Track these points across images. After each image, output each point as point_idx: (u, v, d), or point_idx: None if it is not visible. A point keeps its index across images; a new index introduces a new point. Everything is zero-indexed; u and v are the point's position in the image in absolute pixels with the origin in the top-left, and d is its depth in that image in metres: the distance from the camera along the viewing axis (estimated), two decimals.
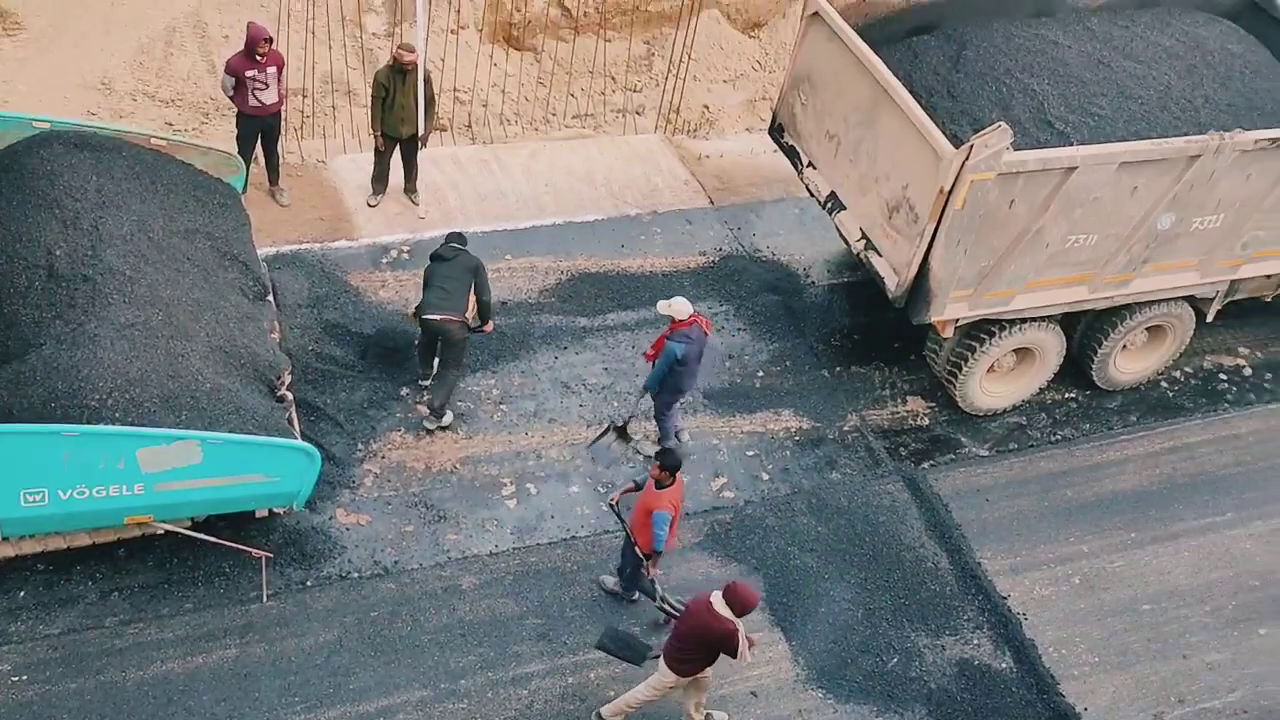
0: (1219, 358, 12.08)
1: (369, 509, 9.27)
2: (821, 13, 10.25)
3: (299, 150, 12.06)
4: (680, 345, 9.25)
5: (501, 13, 13.05)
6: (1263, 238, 10.69)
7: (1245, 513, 10.56)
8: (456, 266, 9.62)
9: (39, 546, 8.27)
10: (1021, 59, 10.35)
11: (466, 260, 9.67)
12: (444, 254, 9.68)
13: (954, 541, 9.89)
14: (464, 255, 9.70)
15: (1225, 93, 10.54)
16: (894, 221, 9.79)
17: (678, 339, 9.27)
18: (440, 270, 9.63)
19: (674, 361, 9.29)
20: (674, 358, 9.27)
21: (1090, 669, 9.23)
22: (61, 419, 7.57)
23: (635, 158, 13.03)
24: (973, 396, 10.79)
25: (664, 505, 8.22)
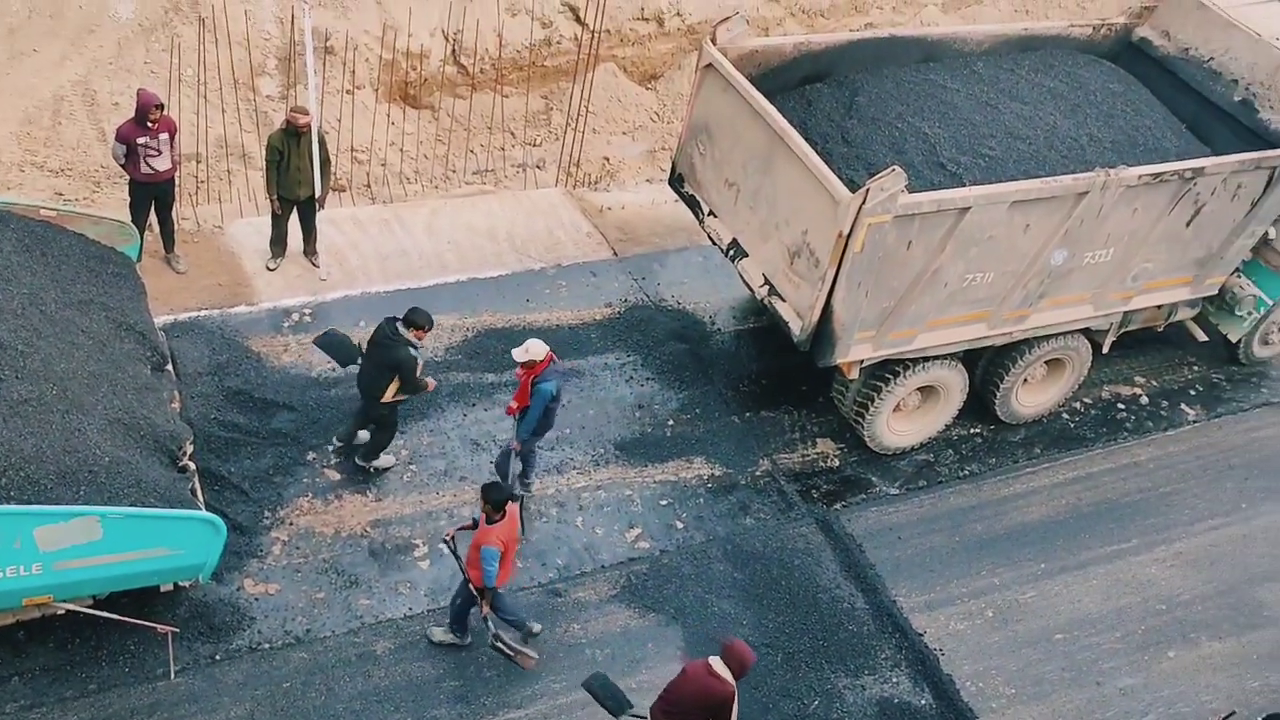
0: (1117, 388, 12.83)
1: (278, 578, 9.42)
2: (716, 64, 10.79)
3: (194, 216, 12.25)
4: (553, 383, 9.58)
5: (397, 72, 13.49)
6: (1151, 269, 11.47)
7: (1149, 539, 11.22)
8: (379, 356, 9.73)
9: None
10: (912, 103, 11.02)
11: (389, 355, 9.69)
12: (376, 337, 9.78)
13: (869, 581, 10.35)
14: (389, 348, 9.68)
15: (1109, 130, 11.33)
16: (795, 267, 10.30)
17: (547, 378, 9.58)
18: (369, 353, 9.79)
19: (550, 400, 9.59)
20: (550, 396, 9.57)
21: (1008, 700, 9.71)
22: None
23: (537, 212, 13.46)
24: (881, 436, 11.33)
25: (492, 541, 8.50)
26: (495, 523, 8.52)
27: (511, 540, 8.68)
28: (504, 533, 8.55)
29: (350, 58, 12.99)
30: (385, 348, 9.62)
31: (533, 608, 9.55)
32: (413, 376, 9.72)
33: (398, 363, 9.63)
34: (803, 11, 16.08)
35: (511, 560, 8.80)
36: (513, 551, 8.76)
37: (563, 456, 10.79)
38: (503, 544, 8.53)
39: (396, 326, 9.59)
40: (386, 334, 9.63)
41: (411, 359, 9.62)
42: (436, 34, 13.64)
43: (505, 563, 8.65)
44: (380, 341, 9.65)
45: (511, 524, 8.65)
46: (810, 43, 11.49)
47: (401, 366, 9.64)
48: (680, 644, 9.54)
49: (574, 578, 9.89)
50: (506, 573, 8.78)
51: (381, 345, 9.64)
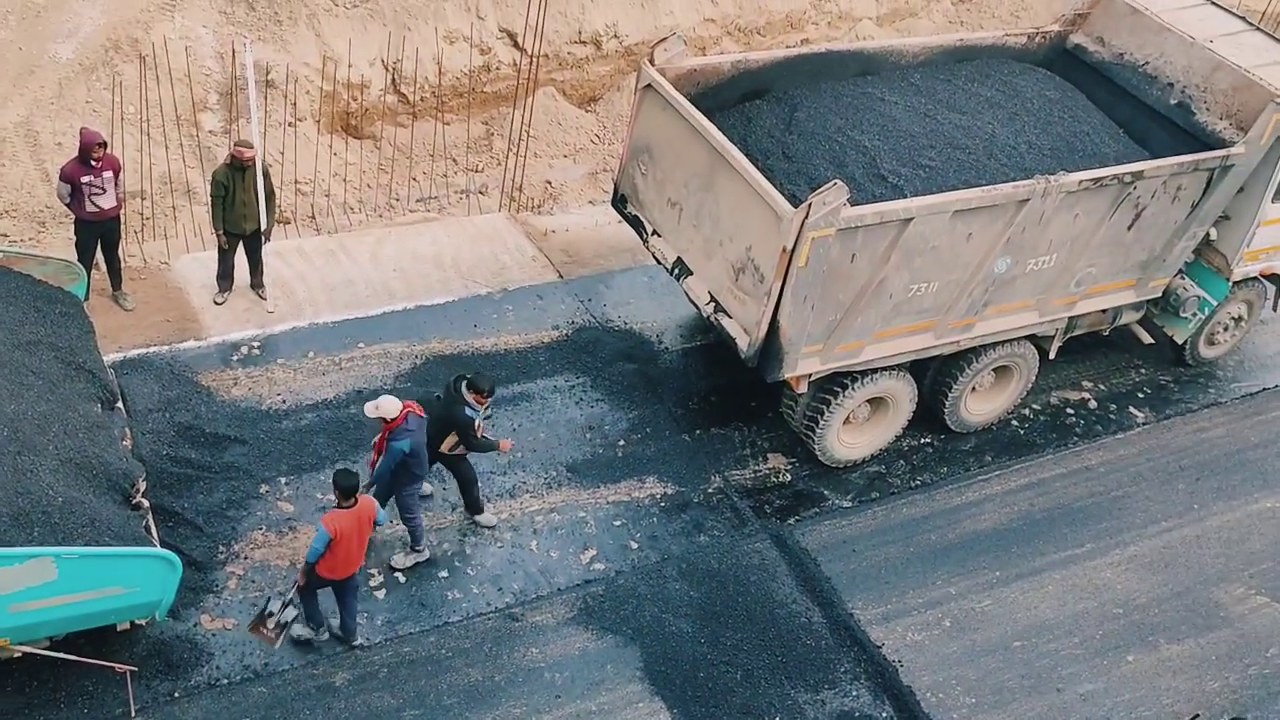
0: (1065, 393, 13.48)
1: (235, 612, 9.84)
2: (655, 84, 11.31)
3: (140, 253, 12.72)
4: (405, 441, 9.86)
5: (338, 103, 14.04)
6: (1095, 274, 12.08)
7: (1103, 542, 11.81)
8: (441, 409, 10.21)
9: None
10: (851, 117, 11.55)
11: (447, 410, 10.16)
12: (445, 391, 10.28)
13: (825, 595, 10.87)
14: (449, 404, 10.16)
15: (1047, 137, 11.91)
16: (740, 283, 10.80)
17: (399, 437, 9.85)
18: (437, 405, 10.30)
19: (401, 457, 9.91)
20: (399, 455, 9.89)
21: (969, 710, 10.21)
22: None
23: (482, 237, 14.01)
24: (831, 449, 11.88)
25: (327, 523, 9.07)
26: (343, 509, 9.09)
27: (350, 533, 9.16)
28: (343, 521, 9.11)
29: (291, 90, 13.53)
30: (447, 403, 10.24)
31: (489, 633, 10.03)
32: (469, 435, 10.21)
33: (452, 420, 10.18)
34: (739, 30, 16.72)
35: (350, 556, 9.23)
36: (350, 547, 9.18)
37: (515, 480, 11.29)
38: (336, 531, 9.05)
39: (461, 385, 10.14)
40: (451, 390, 10.26)
41: (466, 419, 10.13)
42: (376, 64, 14.20)
43: (339, 554, 9.14)
44: (445, 396, 10.24)
45: (356, 518, 9.16)
46: (748, 60, 12.06)
47: (456, 424, 10.19)
48: (639, 664, 10.02)
49: (530, 601, 10.35)
50: (340, 566, 9.23)
51: (445, 400, 10.24)
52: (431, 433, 10.13)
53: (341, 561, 9.18)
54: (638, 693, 9.83)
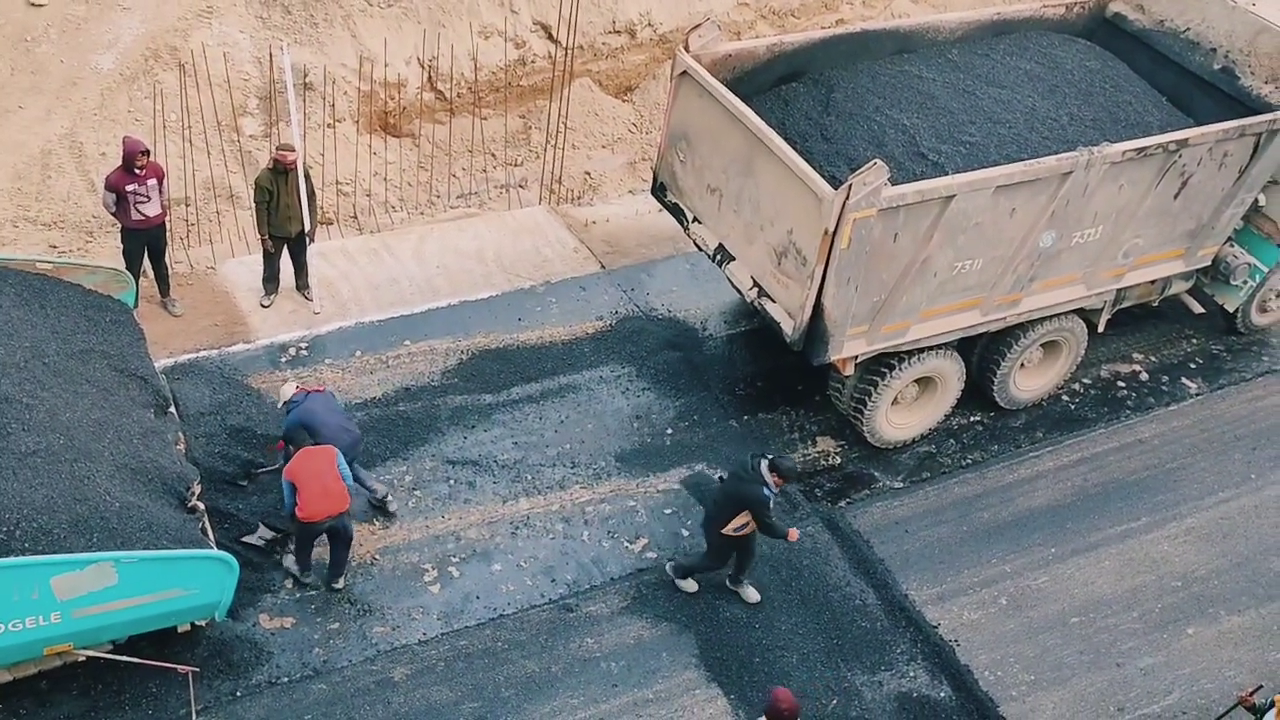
0: (1115, 366, 13.20)
1: (292, 611, 9.84)
2: (690, 71, 11.17)
3: (187, 259, 12.76)
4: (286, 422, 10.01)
5: (376, 103, 14.00)
6: (1142, 245, 11.82)
7: (1159, 515, 11.55)
8: (731, 486, 9.95)
9: None
10: (889, 96, 11.38)
11: (739, 488, 9.83)
12: (735, 468, 9.98)
13: (879, 576, 10.72)
14: (744, 481, 9.82)
15: (1089, 108, 11.68)
16: (783, 267, 10.66)
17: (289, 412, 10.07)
18: (724, 480, 10.14)
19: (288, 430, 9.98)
20: (286, 428, 10.00)
21: (1028, 688, 10.03)
22: None
23: (523, 231, 13.94)
24: (880, 430, 11.71)
25: (285, 473, 9.59)
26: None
27: (308, 476, 9.49)
28: (297, 465, 9.54)
29: (329, 91, 13.51)
30: (740, 480, 9.85)
31: (544, 625, 9.98)
32: (764, 516, 9.81)
33: (744, 498, 9.78)
34: (773, 13, 16.53)
35: (313, 498, 9.45)
36: (313, 489, 9.45)
37: (565, 472, 11.21)
38: (293, 475, 9.52)
39: (759, 463, 9.79)
40: (747, 467, 9.83)
41: (763, 498, 9.72)
42: (412, 62, 14.16)
43: (304, 496, 9.47)
44: (738, 473, 9.89)
45: (312, 460, 9.53)
46: (783, 43, 11.88)
47: (749, 503, 9.78)
48: (694, 651, 9.92)
49: (584, 592, 10.29)
50: (308, 506, 9.47)
51: (737, 476, 9.88)
52: (714, 511, 9.93)
53: (309, 501, 9.37)
54: (693, 679, 9.73)
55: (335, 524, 9.60)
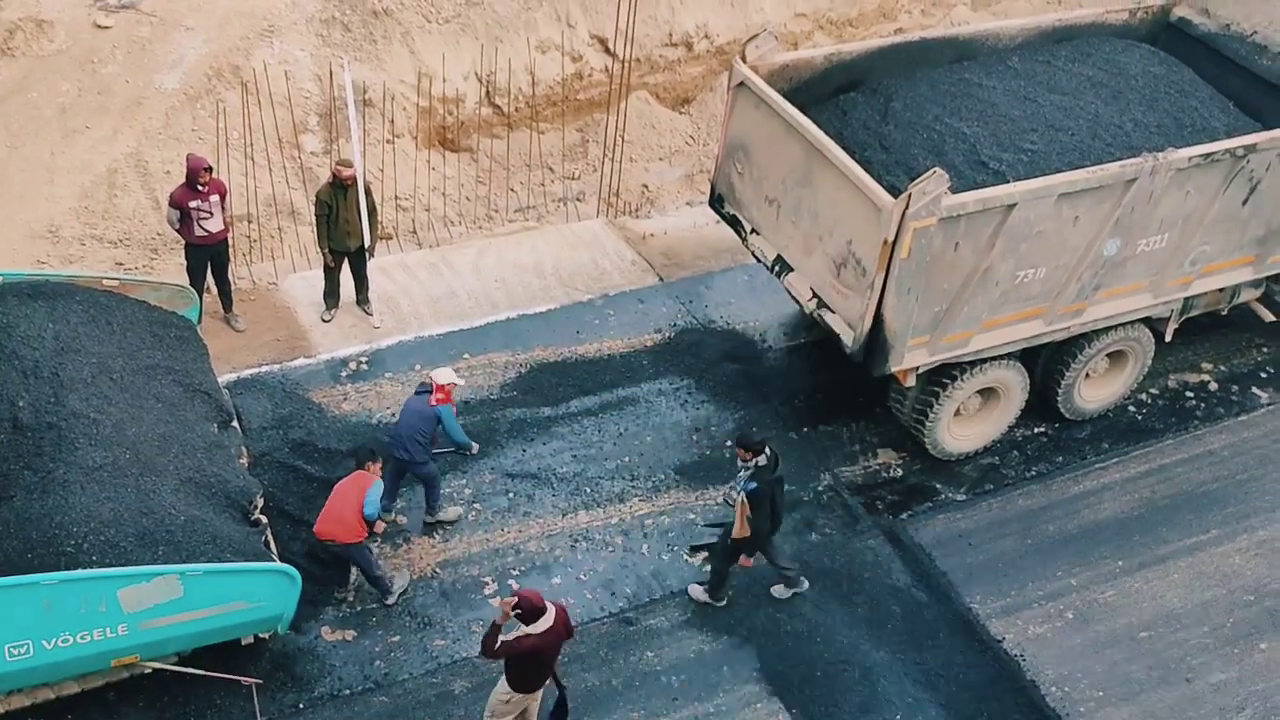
0: (1183, 375, 12.81)
1: (354, 624, 9.76)
2: (748, 81, 11.02)
3: (249, 274, 12.75)
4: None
5: (434, 118, 13.94)
6: (1210, 252, 11.45)
7: (1230, 528, 11.17)
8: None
9: (28, 700, 8.68)
10: (949, 104, 11.16)
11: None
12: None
13: (942, 589, 10.44)
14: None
15: (1153, 114, 11.38)
16: (842, 277, 10.44)
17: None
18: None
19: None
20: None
21: (1096, 704, 9.72)
22: (39, 568, 8.06)
23: (581, 244, 13.80)
24: (942, 442, 11.41)
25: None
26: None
27: (333, 492, 9.56)
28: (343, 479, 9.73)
29: (388, 108, 13.47)
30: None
31: (604, 638, 9.81)
32: (757, 511, 9.54)
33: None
34: (830, 23, 16.30)
35: (322, 515, 9.46)
36: (327, 505, 9.49)
37: (624, 485, 11.03)
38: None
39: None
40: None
41: (741, 484, 9.53)
42: (470, 77, 14.09)
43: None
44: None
45: (347, 477, 9.59)
46: (841, 52, 11.68)
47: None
48: (755, 665, 9.71)
49: (644, 605, 10.10)
50: (319, 522, 9.49)
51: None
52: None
53: (319, 518, 9.50)
54: (755, 693, 9.52)
55: (335, 549, 9.50)
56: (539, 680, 8.51)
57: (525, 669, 8.35)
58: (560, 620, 8.27)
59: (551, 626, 8.18)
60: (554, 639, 8.28)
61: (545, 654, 8.30)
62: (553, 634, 8.22)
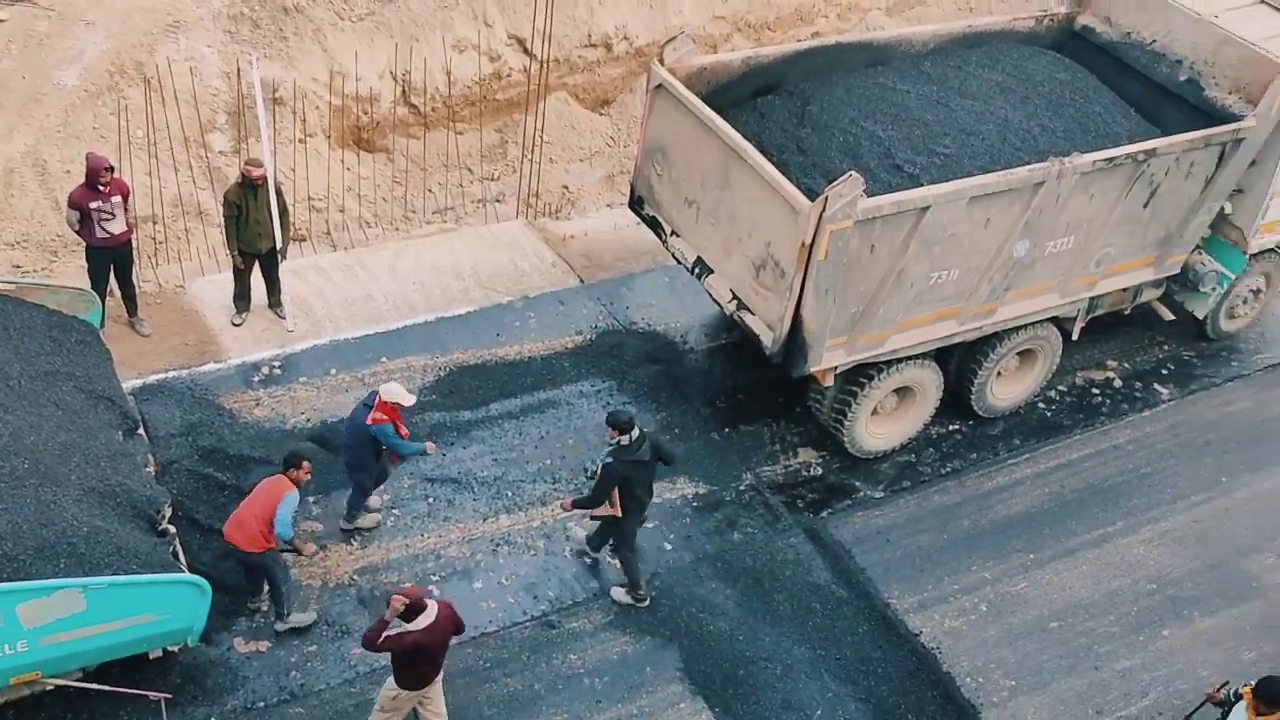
0: (1090, 373, 13.07)
1: (268, 634, 9.47)
2: (666, 84, 10.97)
3: (155, 277, 12.31)
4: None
5: (348, 117, 13.62)
6: (1113, 253, 11.71)
7: (1133, 520, 11.43)
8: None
9: None
10: (864, 108, 11.23)
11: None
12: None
13: (861, 586, 10.49)
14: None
15: (1059, 119, 11.57)
16: (761, 279, 10.46)
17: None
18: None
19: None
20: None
21: (1009, 693, 9.87)
22: None
23: (500, 246, 13.60)
24: (861, 440, 11.49)
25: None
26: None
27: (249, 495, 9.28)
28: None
29: (300, 106, 13.11)
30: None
31: (526, 642, 9.65)
32: (602, 483, 9.62)
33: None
34: (749, 26, 16.31)
35: (230, 519, 9.16)
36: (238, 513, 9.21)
37: (546, 488, 10.88)
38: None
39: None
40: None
41: (604, 468, 9.61)
42: (385, 76, 13.79)
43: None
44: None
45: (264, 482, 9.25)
46: (759, 56, 11.70)
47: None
48: (678, 665, 9.63)
49: (566, 608, 9.97)
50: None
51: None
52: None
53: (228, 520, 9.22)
54: (678, 694, 9.45)
55: (238, 557, 9.16)
56: (425, 678, 8.35)
57: (410, 666, 8.20)
58: (445, 618, 8.14)
59: (434, 624, 8.03)
60: (437, 636, 8.13)
61: (428, 651, 8.16)
62: (436, 631, 8.08)
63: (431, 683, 8.45)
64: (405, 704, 8.46)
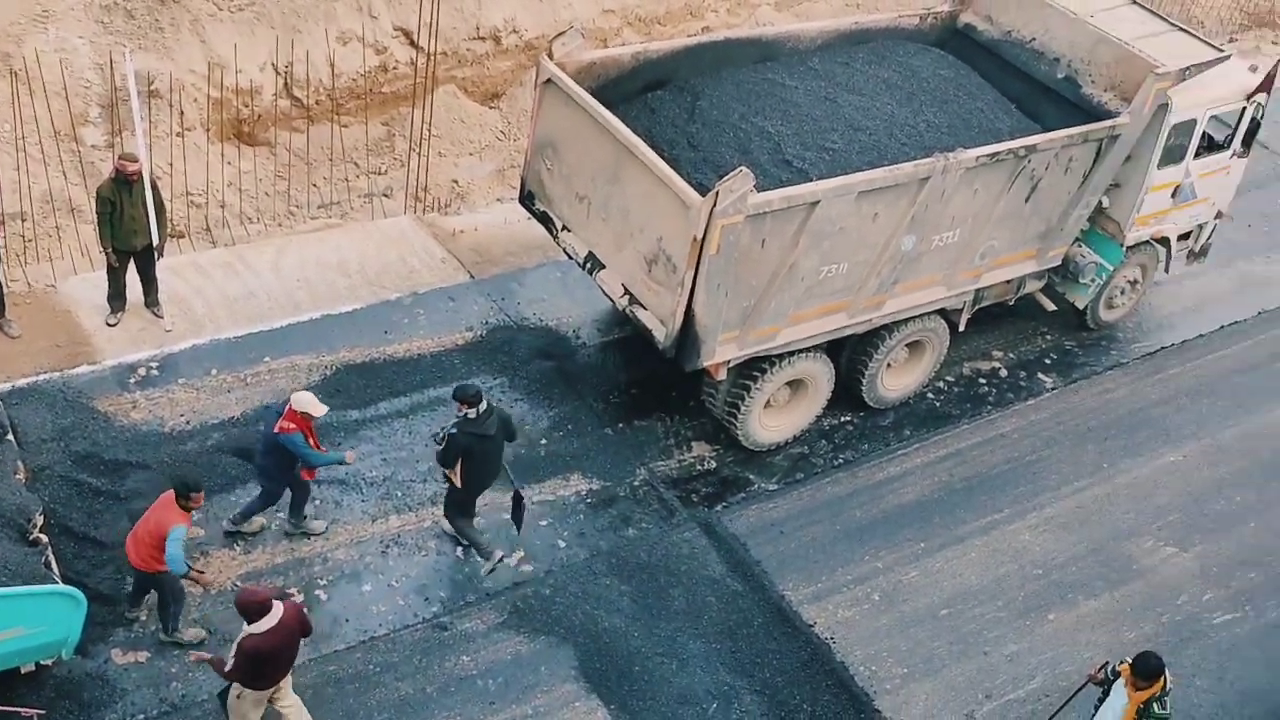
0: (976, 363, 13.38)
1: (147, 644, 9.19)
2: (555, 79, 10.92)
3: (24, 276, 11.87)
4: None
5: (228, 110, 13.29)
6: (997, 247, 12.00)
7: (1019, 506, 11.73)
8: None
9: None
10: (754, 103, 11.32)
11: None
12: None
13: (755, 578, 10.59)
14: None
15: (944, 115, 11.81)
16: (653, 274, 10.49)
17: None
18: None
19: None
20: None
21: (901, 680, 10.05)
22: None
23: (388, 242, 13.39)
24: (754, 433, 11.59)
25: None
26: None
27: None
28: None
29: (177, 99, 12.75)
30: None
31: (418, 645, 9.54)
32: (446, 453, 9.80)
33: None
34: (639, 20, 16.34)
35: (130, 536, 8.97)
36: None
37: (436, 488, 10.73)
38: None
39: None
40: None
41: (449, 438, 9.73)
42: (266, 68, 13.48)
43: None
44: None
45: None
46: (648, 51, 11.70)
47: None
48: (573, 664, 9.61)
49: (458, 609, 9.89)
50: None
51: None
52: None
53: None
54: (573, 692, 9.43)
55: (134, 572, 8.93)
56: (271, 678, 8.17)
57: (254, 667, 8.01)
58: (291, 618, 7.98)
59: (278, 624, 7.87)
60: (281, 638, 7.95)
61: (273, 653, 7.97)
62: (280, 633, 7.90)
63: (278, 683, 8.27)
64: (254, 704, 8.25)
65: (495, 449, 9.79)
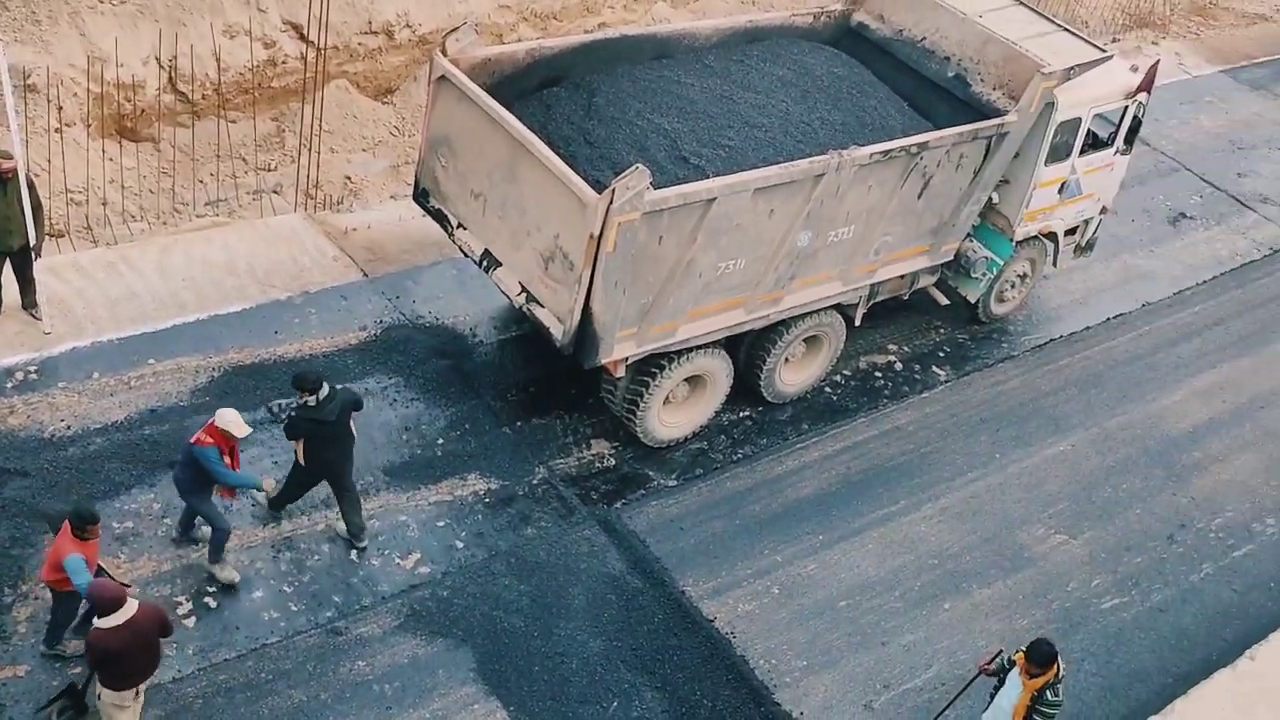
0: (872, 357, 13.59)
1: (27, 658, 8.88)
2: (449, 75, 10.82)
3: None
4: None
5: (110, 105, 12.89)
6: (891, 242, 12.20)
7: (915, 498, 11.94)
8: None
9: None
10: (650, 100, 11.33)
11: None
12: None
13: (656, 575, 10.61)
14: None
15: (838, 113, 11.96)
16: (551, 272, 10.45)
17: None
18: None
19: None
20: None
21: (801, 673, 10.15)
22: None
23: (278, 240, 13.13)
24: (653, 430, 11.62)
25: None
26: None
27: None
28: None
29: (55, 94, 12.34)
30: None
31: (312, 651, 9.35)
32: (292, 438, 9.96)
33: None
34: (535, 15, 16.28)
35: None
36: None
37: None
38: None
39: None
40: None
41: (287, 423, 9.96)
42: (150, 62, 13.12)
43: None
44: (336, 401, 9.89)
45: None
46: (543, 47, 11.65)
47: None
48: (472, 666, 9.52)
49: (353, 613, 9.72)
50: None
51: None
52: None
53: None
54: (472, 694, 9.35)
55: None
56: (128, 678, 7.97)
57: (101, 662, 7.83)
58: (145, 617, 7.81)
59: (127, 623, 7.69)
60: (131, 636, 7.75)
61: (123, 650, 7.78)
62: (129, 630, 7.72)
63: (136, 687, 8.06)
64: (116, 706, 8.03)
65: (336, 434, 9.74)
